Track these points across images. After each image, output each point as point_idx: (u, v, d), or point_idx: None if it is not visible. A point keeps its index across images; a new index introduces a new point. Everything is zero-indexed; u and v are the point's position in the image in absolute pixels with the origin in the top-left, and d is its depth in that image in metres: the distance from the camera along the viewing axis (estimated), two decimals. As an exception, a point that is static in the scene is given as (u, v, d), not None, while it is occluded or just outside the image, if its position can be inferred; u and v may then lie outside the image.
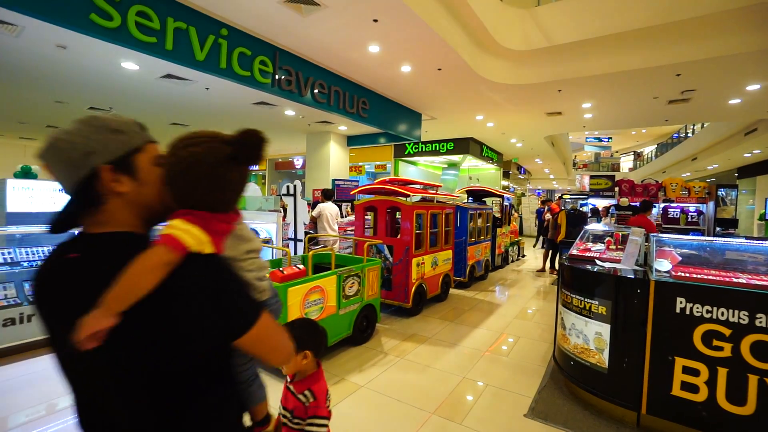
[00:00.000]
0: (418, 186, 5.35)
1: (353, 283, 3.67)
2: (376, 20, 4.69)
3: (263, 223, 5.76)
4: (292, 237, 5.58)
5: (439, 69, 6.24)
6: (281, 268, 3.07)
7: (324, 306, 3.31)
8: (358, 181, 11.26)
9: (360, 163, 13.44)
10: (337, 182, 10.14)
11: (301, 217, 5.52)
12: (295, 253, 5.49)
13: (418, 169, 14.65)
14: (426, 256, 5.02)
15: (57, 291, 0.74)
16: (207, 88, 6.70)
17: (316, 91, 6.07)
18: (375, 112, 7.52)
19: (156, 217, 0.83)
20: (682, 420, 2.37)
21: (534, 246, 12.66)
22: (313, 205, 6.38)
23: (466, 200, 7.91)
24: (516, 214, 11.63)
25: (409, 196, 4.85)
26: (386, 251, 4.72)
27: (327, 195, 6.23)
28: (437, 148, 12.43)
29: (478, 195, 8.25)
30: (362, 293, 3.81)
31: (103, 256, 0.73)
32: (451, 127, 10.74)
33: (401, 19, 4.65)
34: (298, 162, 15.97)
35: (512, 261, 9.42)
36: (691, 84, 6.75)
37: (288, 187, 5.59)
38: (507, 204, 9.21)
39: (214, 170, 0.78)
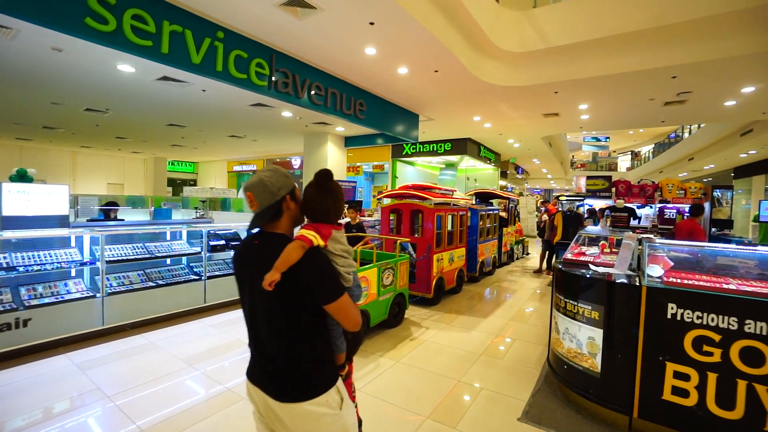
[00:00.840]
0: (437, 191, 6.01)
1: (389, 274, 4.30)
2: (372, 23, 4.69)
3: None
4: (289, 239, 5.59)
5: (436, 71, 6.25)
6: None
7: (368, 293, 3.96)
8: (355, 182, 11.27)
9: (358, 164, 13.45)
10: (334, 183, 10.15)
11: (297, 219, 5.53)
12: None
13: (416, 170, 14.66)
14: (444, 252, 5.64)
15: (248, 260, 1.37)
16: (204, 90, 6.69)
17: (313, 92, 6.07)
18: (372, 114, 7.53)
19: (295, 225, 1.42)
20: (673, 424, 2.39)
21: None
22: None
23: (473, 202, 8.22)
24: None
25: (431, 200, 5.52)
26: (410, 248, 5.06)
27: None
28: (435, 149, 12.44)
29: (484, 197, 8.79)
30: (395, 283, 4.42)
31: (271, 245, 1.30)
32: (448, 128, 10.75)
33: (397, 22, 4.65)
34: (296, 162, 15.97)
35: (517, 258, 9.96)
36: (687, 86, 6.77)
37: (284, 189, 5.59)
38: (512, 205, 9.67)
39: (335, 206, 1.43)
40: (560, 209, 8.12)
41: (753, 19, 5.01)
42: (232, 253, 5.48)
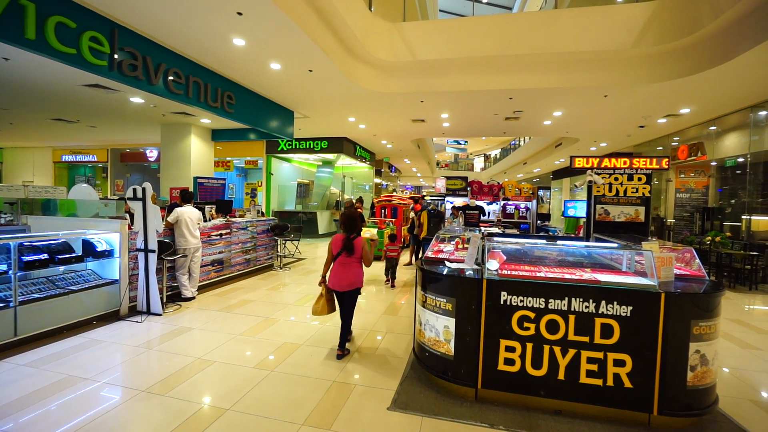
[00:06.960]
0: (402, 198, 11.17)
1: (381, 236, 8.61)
2: (240, 13, 4.37)
3: (102, 232, 4.83)
4: (142, 247, 4.82)
5: (311, 70, 6.20)
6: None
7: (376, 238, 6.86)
8: (225, 179, 10.35)
9: (228, 158, 12.39)
10: (200, 180, 9.12)
11: (152, 223, 4.80)
12: (146, 266, 4.78)
13: (292, 166, 14.29)
14: (404, 227, 10.51)
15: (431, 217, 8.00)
16: (6, 59, 5.20)
17: (170, 78, 5.33)
18: (242, 108, 7.03)
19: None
20: (505, 388, 2.96)
21: None
22: (168, 209, 5.61)
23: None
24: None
25: (399, 201, 11.02)
26: (392, 224, 10.20)
27: (185, 198, 5.56)
28: (311, 146, 12.34)
29: (415, 199, 11.99)
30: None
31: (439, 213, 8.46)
32: (325, 127, 10.79)
33: (268, 17, 4.45)
34: (152, 154, 13.79)
35: None
36: (520, 106, 8.30)
37: (135, 189, 4.78)
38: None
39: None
40: (425, 207, 9.02)
41: (564, 62, 6.43)
42: (60, 269, 4.45)
